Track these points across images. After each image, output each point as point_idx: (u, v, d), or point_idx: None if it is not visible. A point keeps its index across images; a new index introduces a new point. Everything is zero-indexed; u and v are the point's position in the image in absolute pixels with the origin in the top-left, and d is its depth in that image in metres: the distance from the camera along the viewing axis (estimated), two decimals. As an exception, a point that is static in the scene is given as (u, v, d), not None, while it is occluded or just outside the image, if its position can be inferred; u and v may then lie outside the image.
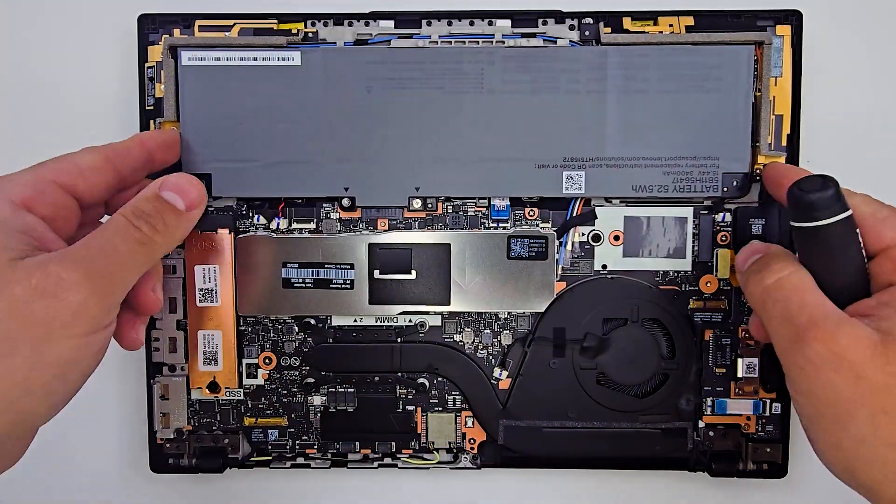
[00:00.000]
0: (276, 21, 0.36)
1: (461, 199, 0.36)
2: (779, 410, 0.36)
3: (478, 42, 0.35)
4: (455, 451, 0.38)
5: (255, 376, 0.37)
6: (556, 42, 0.35)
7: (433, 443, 0.37)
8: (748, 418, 0.36)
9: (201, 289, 0.36)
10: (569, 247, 0.36)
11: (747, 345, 0.36)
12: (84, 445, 0.40)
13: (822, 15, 0.36)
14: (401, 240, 0.36)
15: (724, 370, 0.36)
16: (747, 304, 0.36)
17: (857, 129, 0.38)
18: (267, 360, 0.37)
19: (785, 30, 0.35)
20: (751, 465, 0.36)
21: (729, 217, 0.36)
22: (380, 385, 0.37)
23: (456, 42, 0.35)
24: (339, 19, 0.35)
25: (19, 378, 0.22)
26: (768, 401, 0.36)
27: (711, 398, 0.36)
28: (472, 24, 0.35)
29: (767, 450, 0.36)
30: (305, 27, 0.35)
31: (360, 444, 0.37)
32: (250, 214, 0.36)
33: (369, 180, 0.35)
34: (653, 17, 0.35)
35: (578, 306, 0.36)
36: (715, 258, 0.36)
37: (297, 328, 0.37)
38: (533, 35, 0.35)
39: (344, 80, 0.35)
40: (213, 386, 0.37)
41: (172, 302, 0.36)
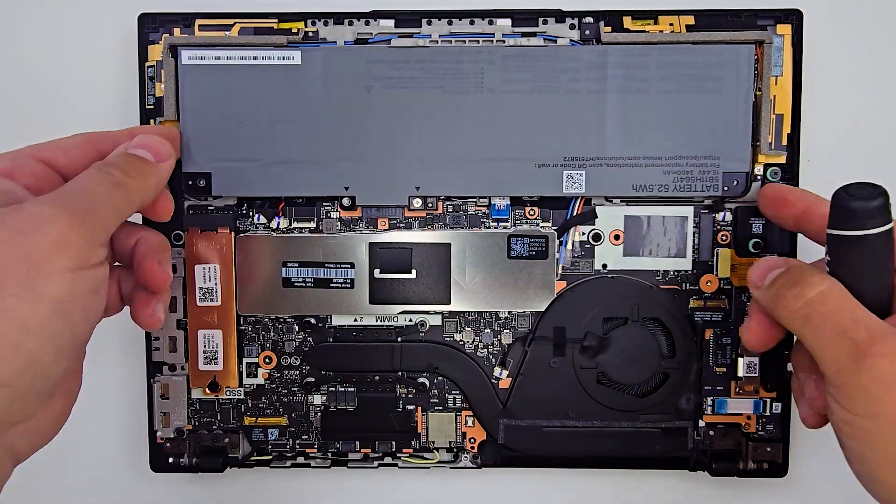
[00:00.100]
0: (276, 20, 0.35)
1: (461, 199, 0.36)
2: (779, 410, 0.36)
3: (478, 41, 0.35)
4: (455, 450, 0.38)
5: (255, 376, 0.37)
6: (556, 41, 0.35)
7: (433, 442, 0.37)
8: (748, 418, 0.36)
9: (201, 288, 0.36)
10: (569, 246, 0.36)
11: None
12: (84, 445, 0.40)
13: (823, 14, 0.36)
14: (401, 239, 0.36)
15: (724, 369, 0.36)
16: (748, 304, 0.36)
17: (857, 129, 0.38)
18: (267, 360, 0.37)
19: (785, 29, 0.35)
20: (751, 464, 0.36)
21: (729, 216, 0.36)
22: (380, 384, 0.37)
23: (456, 41, 0.35)
24: (339, 18, 0.35)
25: (15, 316, 0.22)
26: (769, 400, 0.36)
27: (712, 397, 0.36)
28: (472, 23, 0.35)
29: (768, 449, 0.36)
30: (306, 26, 0.35)
31: (361, 443, 0.37)
32: (250, 214, 0.36)
33: (369, 180, 0.35)
34: (653, 16, 0.35)
35: (579, 306, 0.36)
36: (715, 257, 0.36)
37: (297, 327, 0.37)
38: (533, 34, 0.35)
39: (344, 80, 0.35)
40: (214, 385, 0.37)
41: (173, 301, 0.36)
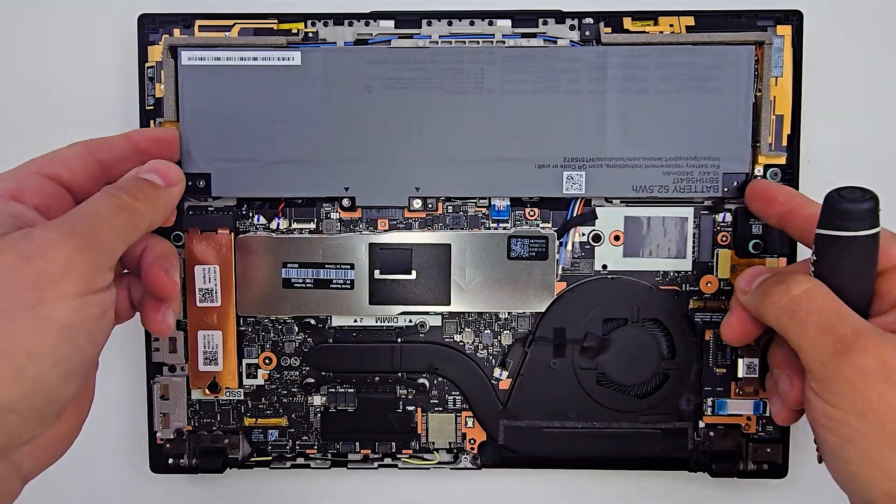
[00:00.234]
0: (276, 21, 0.35)
1: (461, 199, 0.36)
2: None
3: (478, 42, 0.35)
4: (455, 451, 0.38)
5: (255, 376, 0.37)
6: (556, 42, 0.35)
7: (433, 443, 0.37)
8: (748, 418, 0.36)
9: (201, 289, 0.36)
10: (569, 247, 0.36)
11: (748, 345, 0.36)
12: (84, 446, 0.39)
13: (823, 15, 0.36)
14: (401, 240, 0.36)
15: (724, 370, 0.36)
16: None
17: (857, 130, 0.38)
18: (267, 361, 0.37)
19: (785, 30, 0.35)
20: (751, 465, 0.36)
21: (729, 217, 0.36)
22: (380, 385, 0.37)
23: (456, 42, 0.35)
24: (339, 19, 0.35)
25: (21, 343, 0.22)
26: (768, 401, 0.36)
27: (712, 398, 0.36)
28: (472, 24, 0.35)
29: (768, 450, 0.36)
30: (305, 27, 0.35)
31: (361, 444, 0.37)
32: (250, 214, 0.36)
33: (369, 180, 0.35)
34: (653, 17, 0.35)
35: (579, 306, 0.36)
36: (715, 258, 0.36)
37: (297, 328, 0.37)
38: (533, 35, 0.35)
39: (344, 80, 0.35)
40: (213, 386, 0.37)
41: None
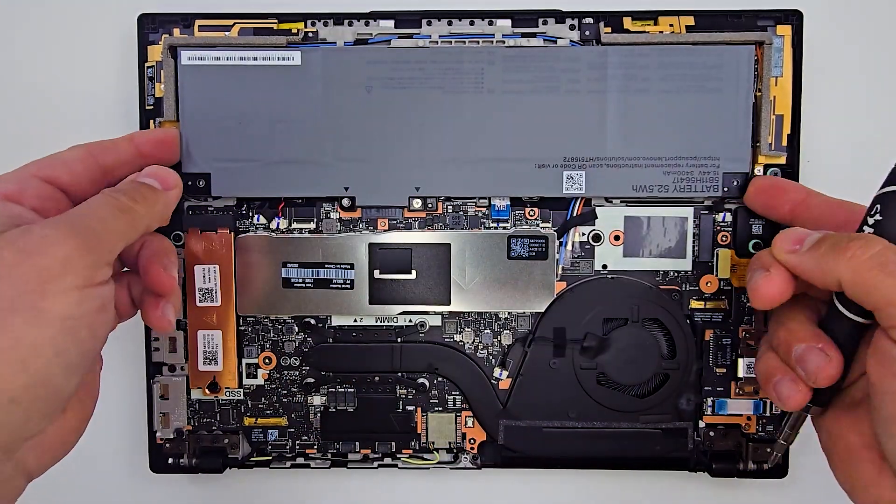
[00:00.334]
0: (276, 21, 0.35)
1: (461, 199, 0.36)
2: (779, 410, 0.36)
3: (478, 42, 0.35)
4: (455, 451, 0.38)
5: (255, 376, 0.37)
6: (556, 42, 0.35)
7: (433, 443, 0.37)
8: (748, 418, 0.36)
9: (201, 289, 0.36)
10: (569, 247, 0.36)
11: (748, 345, 0.36)
12: (83, 446, 0.39)
13: (823, 15, 0.36)
14: (401, 240, 0.36)
15: (724, 370, 0.36)
16: (748, 303, 0.36)
17: (857, 129, 0.38)
18: (267, 360, 0.37)
19: (785, 30, 0.35)
20: (751, 465, 0.36)
21: (729, 217, 0.36)
22: (380, 385, 0.37)
23: (456, 42, 0.35)
24: (339, 19, 0.35)
25: (23, 337, 0.22)
26: (769, 401, 0.36)
27: (712, 398, 0.36)
28: (472, 23, 0.35)
29: (768, 450, 0.36)
30: (305, 27, 0.35)
31: (360, 444, 0.37)
32: (250, 214, 0.36)
33: (369, 180, 0.35)
34: (653, 16, 0.35)
35: (578, 306, 0.36)
36: (715, 258, 0.36)
37: (297, 328, 0.37)
38: (533, 35, 0.35)
39: (344, 80, 0.35)
40: (213, 386, 0.37)
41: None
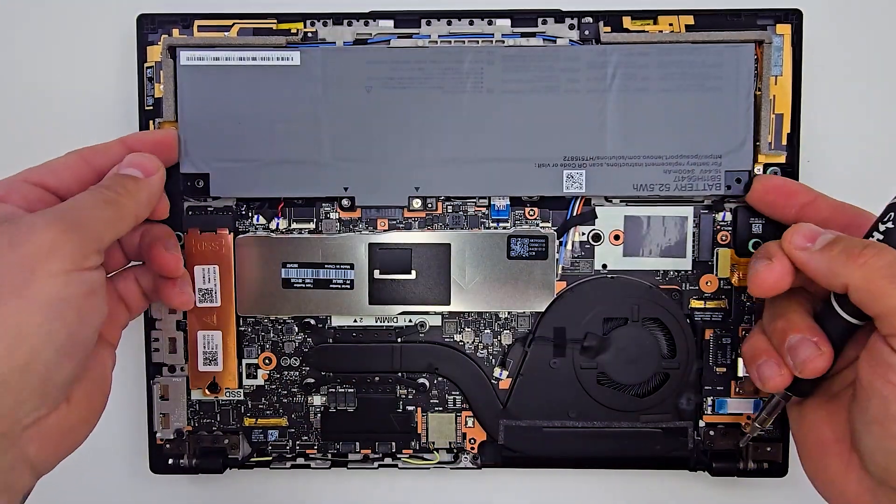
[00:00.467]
0: (275, 21, 0.35)
1: (461, 199, 0.36)
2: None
3: (477, 41, 0.35)
4: (455, 451, 0.38)
5: (255, 377, 0.37)
6: (555, 41, 0.35)
7: (433, 443, 0.37)
8: (749, 417, 0.36)
9: (201, 289, 0.36)
10: (569, 246, 0.36)
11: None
12: (84, 446, 0.39)
13: (822, 14, 0.36)
14: (401, 240, 0.36)
15: (724, 369, 0.36)
16: (748, 303, 0.36)
17: (857, 128, 0.38)
18: (267, 361, 0.37)
19: (785, 28, 0.35)
20: (751, 464, 0.36)
21: (729, 216, 0.36)
22: (380, 385, 0.37)
23: (455, 41, 0.35)
24: (338, 19, 0.35)
25: (9, 318, 0.23)
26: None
27: (712, 397, 0.36)
28: (471, 23, 0.35)
29: (768, 449, 0.36)
30: (305, 27, 0.35)
31: (361, 444, 0.37)
32: (250, 214, 0.36)
33: (369, 180, 0.35)
34: (653, 16, 0.35)
35: (578, 306, 0.36)
36: (715, 257, 0.36)
37: (297, 328, 0.37)
38: (533, 34, 0.35)
39: (343, 80, 0.34)
40: (213, 386, 0.36)
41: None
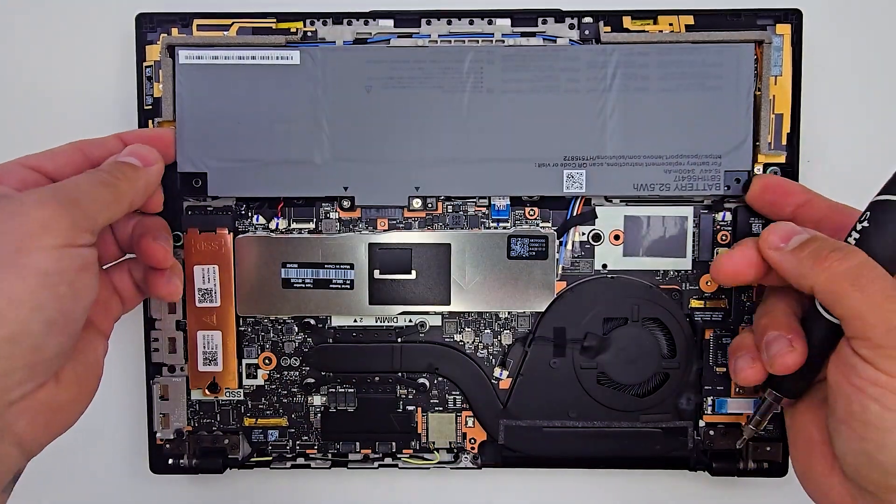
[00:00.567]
0: (274, 20, 0.35)
1: (461, 199, 0.36)
2: (779, 410, 0.36)
3: (477, 41, 0.35)
4: (455, 450, 0.38)
5: (255, 377, 0.37)
6: (555, 41, 0.35)
7: (433, 443, 0.37)
8: (748, 417, 0.36)
9: (201, 289, 0.35)
10: (569, 246, 0.36)
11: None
12: (83, 446, 0.39)
13: (822, 14, 0.36)
14: (401, 240, 0.35)
15: (724, 369, 0.36)
16: (748, 301, 0.36)
17: (857, 128, 0.38)
18: (267, 361, 0.37)
19: (785, 28, 0.35)
20: (751, 464, 0.37)
21: (729, 216, 0.36)
22: (380, 385, 0.37)
23: (455, 41, 0.35)
24: (338, 18, 0.35)
25: (3, 288, 0.23)
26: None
27: (712, 397, 0.36)
28: (471, 23, 0.35)
29: (768, 449, 0.36)
30: (304, 26, 0.35)
31: (361, 444, 0.37)
32: (249, 214, 0.36)
33: (369, 180, 0.35)
34: (653, 16, 0.35)
35: (579, 306, 0.36)
36: (715, 257, 0.36)
37: (297, 328, 0.37)
38: (533, 34, 0.35)
39: (343, 80, 0.34)
40: (213, 386, 0.36)
41: (172, 302, 0.36)
